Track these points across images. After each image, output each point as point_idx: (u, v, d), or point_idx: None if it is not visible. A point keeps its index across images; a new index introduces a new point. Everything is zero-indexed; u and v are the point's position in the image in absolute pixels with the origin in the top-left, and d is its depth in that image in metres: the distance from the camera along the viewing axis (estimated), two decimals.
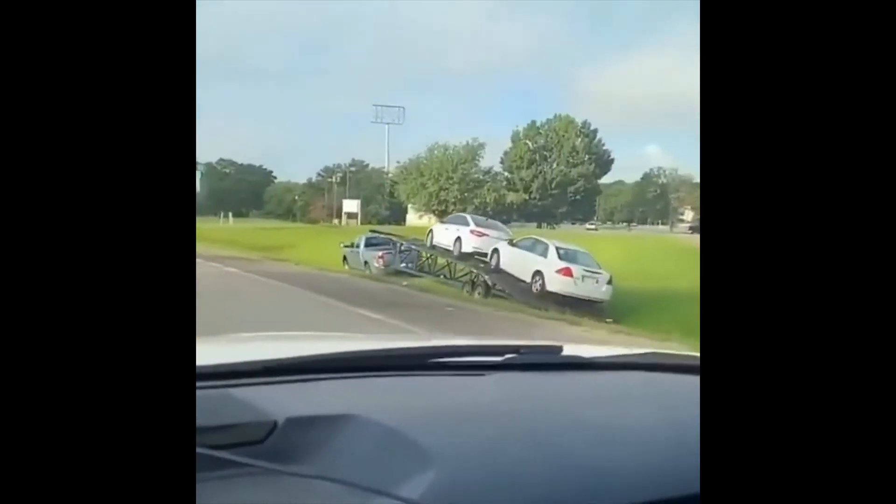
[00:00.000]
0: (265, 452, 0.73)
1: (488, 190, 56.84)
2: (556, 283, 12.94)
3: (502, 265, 14.57)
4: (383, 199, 74.97)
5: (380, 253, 19.10)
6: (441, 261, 17.27)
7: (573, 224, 61.67)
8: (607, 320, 11.98)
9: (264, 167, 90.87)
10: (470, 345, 1.32)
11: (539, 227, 55.49)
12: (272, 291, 12.66)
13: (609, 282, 13.21)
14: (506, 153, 59.44)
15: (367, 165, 79.69)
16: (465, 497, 0.64)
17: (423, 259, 18.13)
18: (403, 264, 18.19)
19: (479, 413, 0.89)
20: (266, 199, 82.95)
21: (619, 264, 15.66)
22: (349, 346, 1.33)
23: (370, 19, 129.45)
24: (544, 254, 13.66)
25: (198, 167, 45.57)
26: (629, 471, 0.72)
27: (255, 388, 0.94)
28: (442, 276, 16.72)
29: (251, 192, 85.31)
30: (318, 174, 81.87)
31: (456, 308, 11.51)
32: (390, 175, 67.20)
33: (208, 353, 1.11)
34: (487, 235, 16.01)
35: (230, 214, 61.57)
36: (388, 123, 70.67)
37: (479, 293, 14.52)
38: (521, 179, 56.67)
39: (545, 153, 58.65)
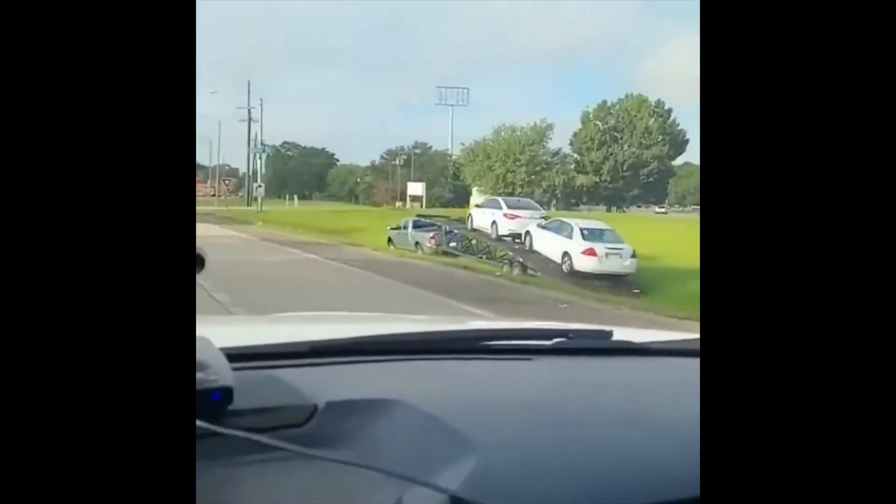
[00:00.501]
0: (304, 437, 0.73)
1: (557, 172, 55.33)
2: (582, 263, 13.91)
3: (535, 246, 15.60)
4: (447, 182, 74.17)
5: (431, 234, 20.10)
6: (482, 243, 17.99)
7: (639, 207, 59.50)
8: (634, 291, 12.97)
9: (327, 150, 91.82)
10: (518, 328, 1.30)
11: (608, 210, 53.67)
12: (364, 283, 11.67)
13: (633, 255, 14.06)
14: (575, 134, 57.64)
15: (431, 148, 79.12)
16: (504, 488, 0.62)
17: (467, 241, 18.93)
18: (453, 244, 19.13)
19: (524, 400, 0.86)
20: (329, 181, 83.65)
21: (678, 246, 15.02)
22: (395, 328, 1.36)
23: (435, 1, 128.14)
24: (570, 235, 14.54)
25: (264, 150, 45.40)
26: (680, 464, 0.66)
27: (297, 370, 0.94)
28: (483, 257, 17.43)
29: (314, 174, 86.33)
30: (382, 157, 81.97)
31: (571, 304, 10.59)
32: (454, 157, 66.19)
33: (250, 333, 1.21)
34: (520, 217, 16.93)
35: (295, 197, 61.89)
36: (452, 105, 69.69)
37: (517, 272, 15.12)
38: (591, 161, 54.81)
39: (616, 134, 56.53)
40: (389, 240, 22.15)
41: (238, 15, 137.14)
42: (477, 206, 20.63)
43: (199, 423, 0.66)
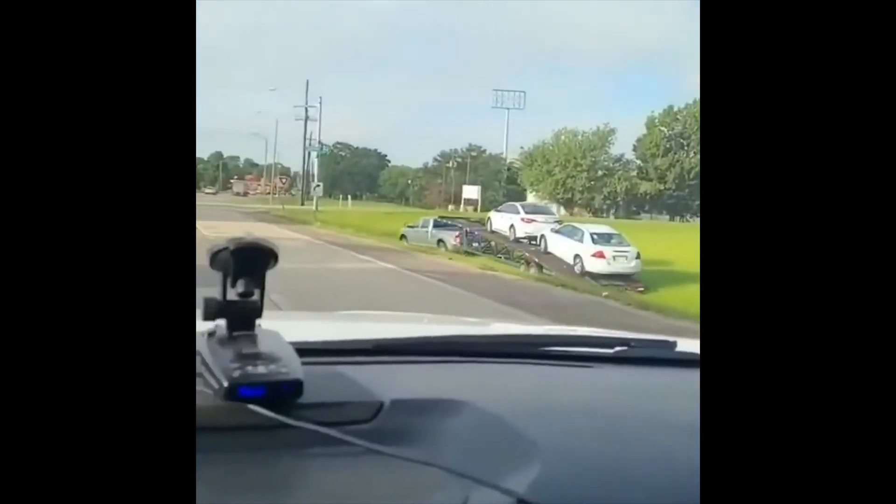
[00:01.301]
0: (371, 433, 0.74)
1: (619, 179, 53.42)
2: (592, 265, 15.35)
3: (549, 249, 17.11)
4: (500, 186, 72.81)
5: (456, 233, 21.30)
6: (501, 244, 19.37)
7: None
8: (639, 289, 14.27)
9: (379, 151, 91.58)
10: (578, 335, 1.28)
11: (671, 220, 51.44)
12: (467, 306, 10.05)
13: (637, 256, 15.54)
14: (639, 140, 55.49)
15: (485, 151, 78.04)
16: (570, 495, 0.64)
17: (487, 242, 20.16)
18: (475, 244, 20.25)
19: (588, 408, 0.87)
20: (380, 182, 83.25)
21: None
22: (454, 330, 1.38)
23: (492, 4, 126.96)
24: (581, 239, 16.04)
25: (321, 148, 44.72)
26: None
27: (362, 367, 0.96)
28: (502, 257, 18.65)
29: (365, 175, 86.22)
30: (435, 159, 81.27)
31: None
32: (510, 161, 64.78)
33: (316, 329, 1.23)
34: (536, 221, 18.41)
35: (349, 197, 61.34)
36: (508, 108, 68.16)
37: (533, 271, 16.54)
38: (656, 168, 52.62)
39: (683, 141, 54.17)
40: (403, 236, 23.53)
41: (300, 14, 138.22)
42: (496, 210, 21.85)
43: (270, 413, 0.70)
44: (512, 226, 18.96)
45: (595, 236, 15.98)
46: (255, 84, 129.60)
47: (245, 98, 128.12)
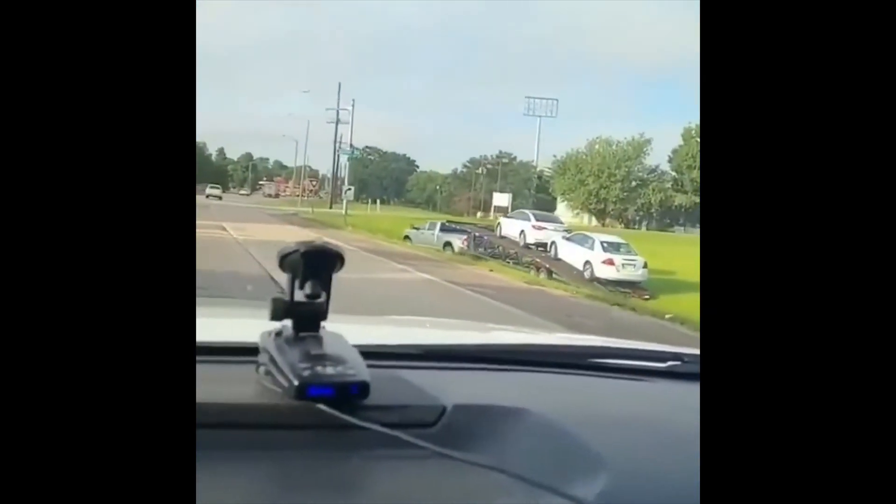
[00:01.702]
0: (435, 436, 0.75)
1: (653, 190, 52.32)
2: (602, 271, 16.18)
3: (560, 255, 17.97)
4: (530, 194, 71.96)
5: (464, 237, 22.26)
6: (511, 249, 20.14)
7: None
8: (645, 297, 15.04)
9: (408, 156, 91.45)
10: (633, 348, 1.28)
11: None
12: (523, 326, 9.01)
13: (644, 266, 16.41)
14: (675, 151, 54.28)
15: (515, 158, 77.35)
16: None
17: (495, 246, 20.99)
18: (481, 248, 21.10)
19: (648, 422, 0.87)
20: (408, 187, 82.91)
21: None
22: (510, 339, 1.42)
23: (524, 9, 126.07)
24: (591, 247, 16.88)
25: (353, 152, 44.21)
26: None
27: (423, 371, 0.97)
28: (511, 262, 19.31)
29: (393, 179, 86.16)
30: (465, 165, 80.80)
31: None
32: (541, 169, 63.98)
33: (374, 332, 1.28)
34: (546, 229, 19.37)
35: (377, 201, 60.93)
36: (540, 116, 67.28)
37: (542, 276, 17.34)
38: (692, 180, 51.35)
39: None
40: (407, 237, 24.58)
41: (332, 18, 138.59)
42: (507, 216, 22.95)
43: (338, 413, 0.71)
44: (522, 232, 19.90)
45: (605, 244, 16.91)
46: (287, 86, 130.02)
47: (277, 100, 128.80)
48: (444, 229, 23.71)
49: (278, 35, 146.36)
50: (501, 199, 61.67)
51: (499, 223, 22.50)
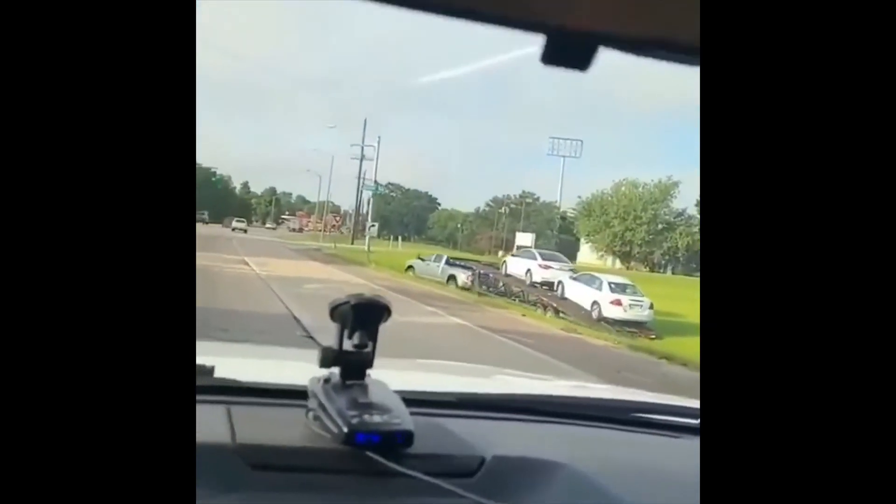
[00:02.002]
0: (475, 486, 0.76)
1: (680, 234, 51.50)
2: (610, 311, 16.50)
3: (567, 294, 18.34)
4: (553, 235, 71.32)
5: (469, 273, 22.61)
6: (516, 287, 20.51)
7: None
8: (651, 336, 15.51)
9: (429, 193, 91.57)
10: (669, 404, 1.26)
11: None
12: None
13: (650, 307, 16.78)
14: None
15: (538, 198, 76.94)
16: None
17: (499, 284, 21.36)
18: (484, 287, 21.41)
19: (684, 481, 0.85)
20: (429, 224, 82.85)
21: None
22: (548, 389, 1.41)
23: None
24: (599, 287, 17.25)
25: (377, 188, 43.97)
26: None
27: (462, 420, 0.99)
28: (517, 300, 19.57)
29: (415, 216, 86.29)
30: (487, 204, 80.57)
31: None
32: (563, 210, 63.42)
33: (411, 379, 1.29)
34: (552, 268, 19.92)
35: (399, 238, 60.67)
36: (564, 156, 66.94)
37: (549, 314, 17.74)
38: None
39: None
40: (410, 267, 25.35)
41: (359, 57, 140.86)
42: (512, 255, 23.77)
43: (383, 461, 0.74)
44: (529, 270, 20.48)
45: (613, 285, 17.31)
46: (313, 122, 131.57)
47: (302, 135, 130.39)
48: (448, 263, 24.32)
49: (306, 71, 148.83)
50: (524, 238, 61.17)
51: (504, 261, 23.37)
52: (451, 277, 22.91)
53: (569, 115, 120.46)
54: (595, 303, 17.06)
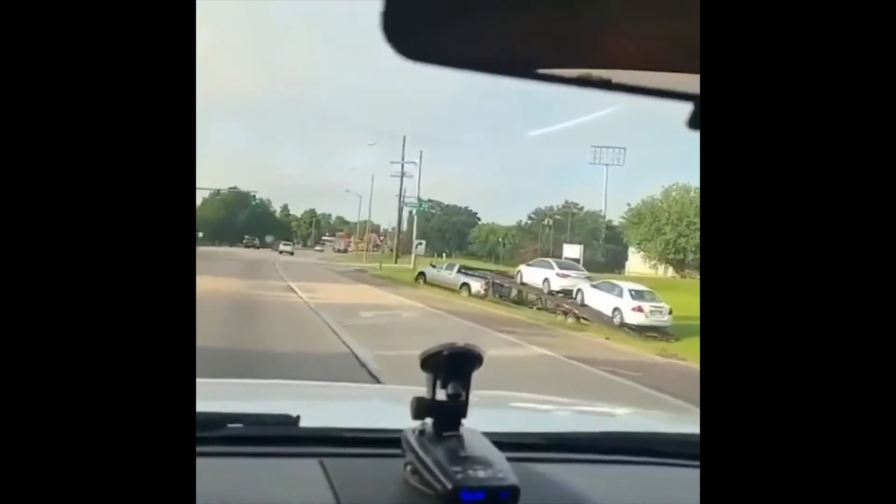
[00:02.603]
0: None
1: None
2: (631, 317, 17.21)
3: (586, 301, 19.00)
4: (599, 245, 69.16)
5: (483, 282, 23.62)
6: (532, 296, 21.57)
7: None
8: (670, 340, 15.83)
9: (469, 208, 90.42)
10: None
11: None
12: None
13: (669, 312, 17.27)
14: None
15: (582, 208, 74.93)
16: None
17: (513, 292, 22.46)
18: (498, 295, 22.38)
19: None
20: (470, 240, 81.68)
21: None
22: (644, 425, 1.37)
23: None
24: (620, 294, 17.96)
25: (421, 204, 42.79)
26: None
27: (564, 465, 0.96)
28: (535, 308, 20.47)
29: (455, 232, 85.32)
30: (530, 216, 78.98)
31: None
32: (608, 219, 61.35)
33: (502, 419, 1.32)
34: (570, 276, 20.72)
35: (444, 255, 59.46)
36: (607, 164, 65.04)
37: (570, 320, 18.42)
38: None
39: None
40: (421, 274, 26.67)
41: (396, 74, 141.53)
42: (528, 264, 24.35)
43: None
44: (546, 279, 21.23)
45: (633, 293, 18.03)
46: (352, 141, 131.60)
47: (340, 156, 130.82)
48: (461, 272, 25.32)
49: (340, 90, 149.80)
50: (572, 250, 59.41)
51: (519, 270, 24.29)
52: (465, 285, 24.04)
53: (610, 122, 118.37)
54: (616, 309, 17.77)
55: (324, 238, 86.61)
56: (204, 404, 1.03)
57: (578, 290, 19.85)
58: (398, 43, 0.47)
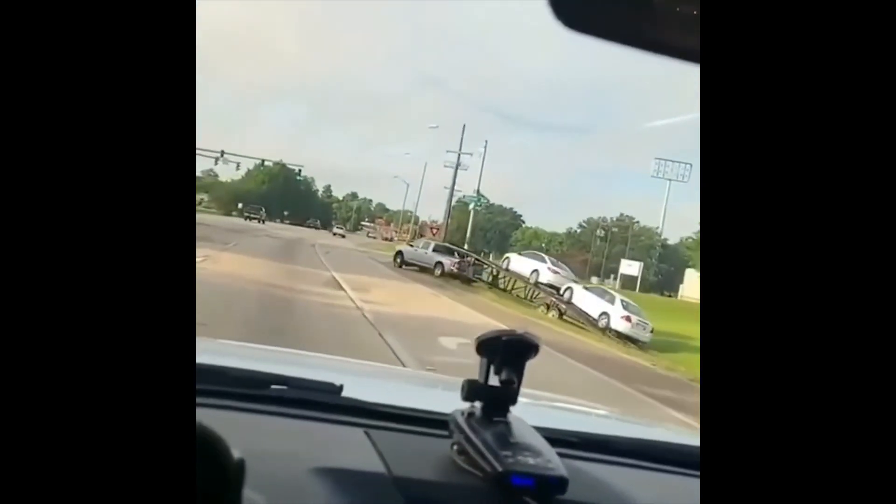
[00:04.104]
0: None
1: None
2: (619, 324, 19.09)
3: (574, 300, 20.78)
4: (653, 264, 64.63)
5: (456, 259, 24.90)
6: (519, 283, 23.32)
7: None
8: (651, 352, 17.54)
9: (514, 210, 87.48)
10: None
11: None
12: None
13: (651, 330, 19.32)
14: None
15: (637, 222, 70.78)
16: None
17: (494, 275, 24.72)
18: (473, 275, 24.14)
19: None
20: (511, 242, 78.72)
21: None
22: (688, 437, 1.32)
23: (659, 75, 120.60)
24: (611, 302, 19.85)
25: (479, 199, 39.09)
26: None
27: (611, 467, 0.96)
28: (517, 296, 22.55)
29: (497, 232, 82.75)
30: (580, 225, 75.19)
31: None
32: (665, 238, 57.17)
33: (546, 416, 1.30)
34: (560, 273, 22.84)
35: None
36: (670, 179, 60.65)
37: (553, 315, 20.23)
38: None
39: None
40: (399, 253, 26.99)
41: (462, 65, 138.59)
42: (519, 254, 26.00)
43: None
44: (536, 271, 22.63)
45: (625, 304, 19.64)
46: (410, 126, 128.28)
47: (392, 140, 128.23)
48: (436, 250, 26.25)
49: (397, 81, 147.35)
50: (630, 267, 55.79)
51: (507, 257, 26.11)
52: (439, 264, 24.89)
53: (676, 133, 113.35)
54: (604, 314, 19.34)
55: (363, 223, 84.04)
56: (249, 364, 1.12)
57: (568, 287, 21.25)
58: (559, 11, 0.49)
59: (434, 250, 25.94)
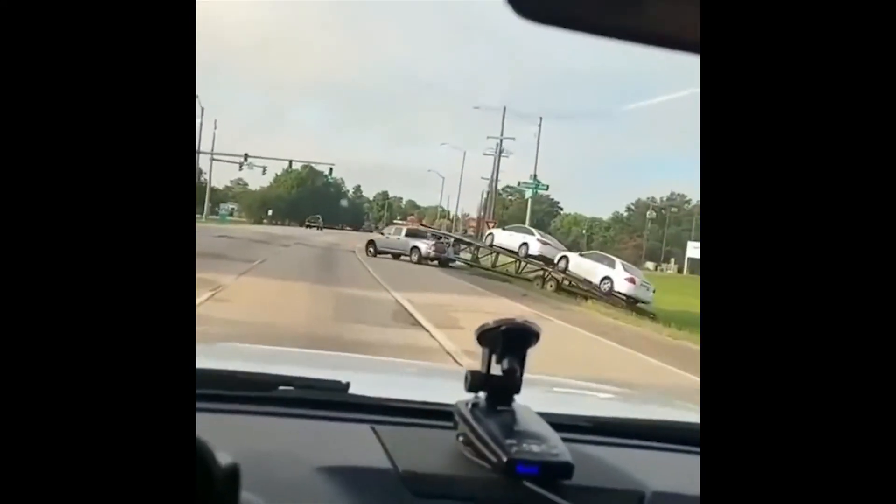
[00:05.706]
0: None
1: None
2: (623, 287, 19.62)
3: (570, 269, 21.08)
4: None
5: (431, 242, 24.83)
6: (504, 259, 23.76)
7: None
8: (651, 315, 17.87)
9: (551, 197, 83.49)
10: None
11: None
12: None
13: (654, 291, 20.26)
14: None
15: (689, 201, 66.02)
16: None
17: (476, 253, 25.63)
18: (453, 256, 24.56)
19: None
20: (551, 230, 74.79)
21: None
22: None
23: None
24: (612, 265, 20.52)
25: (538, 185, 34.76)
26: None
27: (617, 449, 0.97)
28: (505, 272, 22.75)
29: (534, 221, 78.52)
30: (628, 208, 70.57)
31: None
32: None
33: (552, 401, 1.28)
34: (549, 245, 23.41)
35: None
36: None
37: (550, 287, 20.67)
38: None
39: None
40: (371, 242, 26.12)
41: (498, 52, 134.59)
42: (504, 228, 26.69)
43: (545, 493, 0.73)
44: (525, 244, 23.20)
45: (626, 266, 20.85)
46: (440, 119, 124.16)
47: (425, 132, 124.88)
48: (408, 234, 25.86)
49: (429, 72, 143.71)
50: (697, 249, 51.09)
51: (490, 233, 26.29)
52: (415, 248, 24.37)
53: None
54: (607, 278, 19.86)
55: (394, 222, 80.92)
56: (255, 367, 1.14)
57: (563, 257, 21.98)
58: (517, 3, 0.48)
59: (407, 235, 25.77)
